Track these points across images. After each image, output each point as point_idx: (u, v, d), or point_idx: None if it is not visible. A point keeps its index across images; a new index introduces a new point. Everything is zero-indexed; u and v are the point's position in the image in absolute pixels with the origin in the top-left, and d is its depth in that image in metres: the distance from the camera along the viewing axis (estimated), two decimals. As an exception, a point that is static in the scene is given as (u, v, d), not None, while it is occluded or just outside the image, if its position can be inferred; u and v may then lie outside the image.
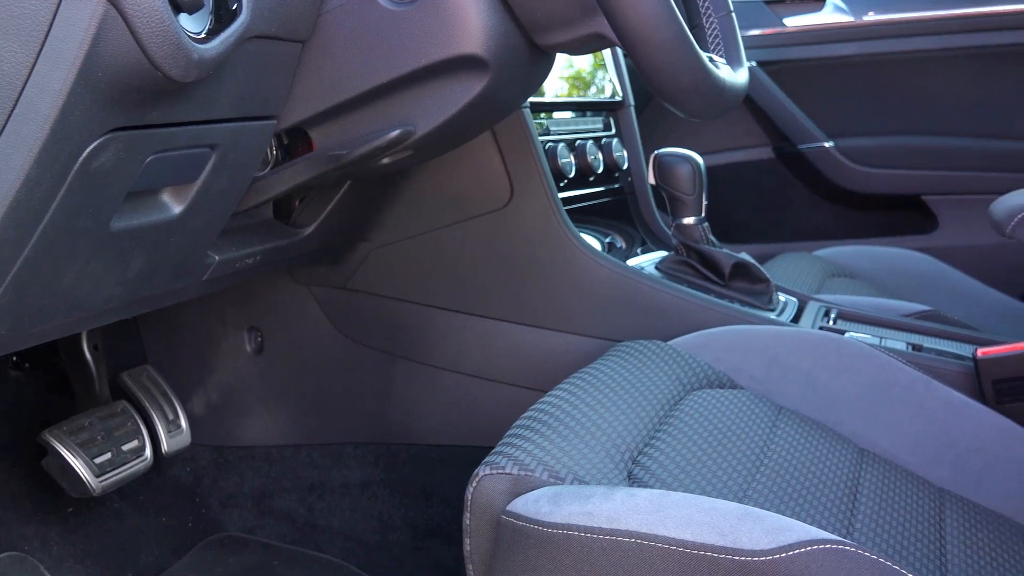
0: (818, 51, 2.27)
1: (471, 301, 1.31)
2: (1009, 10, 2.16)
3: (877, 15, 2.25)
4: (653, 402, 0.99)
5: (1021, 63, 2.18)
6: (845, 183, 2.28)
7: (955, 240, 2.24)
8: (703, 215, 1.34)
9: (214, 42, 0.71)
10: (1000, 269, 2.16)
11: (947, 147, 2.24)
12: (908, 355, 1.21)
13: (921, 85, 2.26)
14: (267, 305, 1.44)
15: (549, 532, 0.72)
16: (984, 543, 0.95)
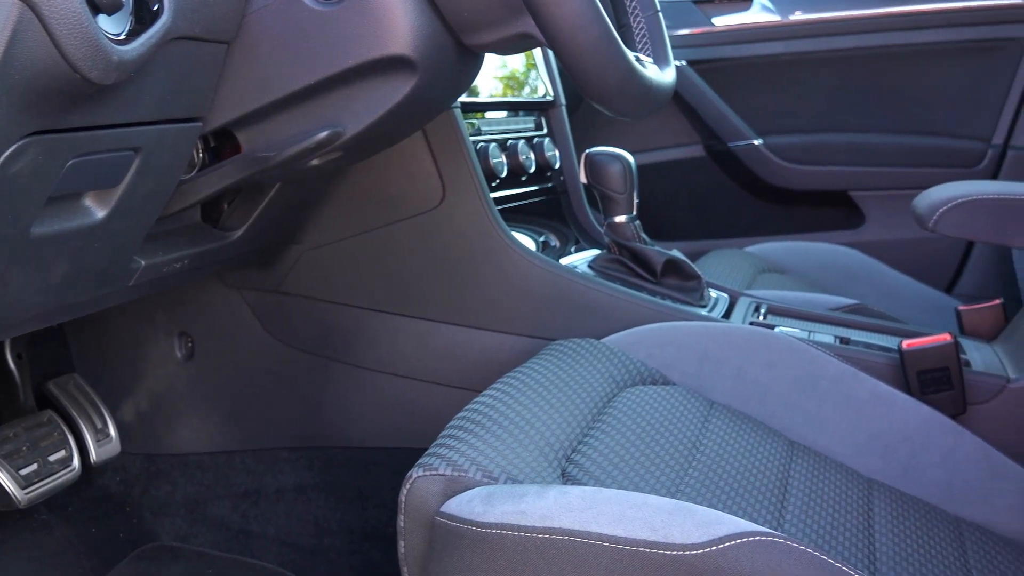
0: (746, 50, 2.30)
1: (405, 302, 1.31)
2: (927, 9, 2.21)
3: (803, 14, 2.29)
4: (586, 400, 1.00)
5: (939, 61, 2.24)
6: (774, 180, 2.32)
7: (881, 235, 2.29)
8: (634, 213, 1.35)
9: (134, 43, 0.70)
10: (924, 262, 2.21)
11: (872, 144, 2.28)
12: (836, 348, 1.23)
13: (846, 83, 2.30)
14: (197, 310, 1.42)
15: (483, 532, 0.72)
16: (910, 531, 0.97)
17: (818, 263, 1.93)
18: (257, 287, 1.37)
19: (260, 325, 1.38)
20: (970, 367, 1.23)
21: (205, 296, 1.40)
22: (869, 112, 2.30)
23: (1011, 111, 2.22)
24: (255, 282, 1.37)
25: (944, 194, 1.26)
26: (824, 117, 2.32)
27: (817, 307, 1.45)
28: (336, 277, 1.33)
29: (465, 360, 1.29)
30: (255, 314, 1.38)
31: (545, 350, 1.13)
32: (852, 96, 2.30)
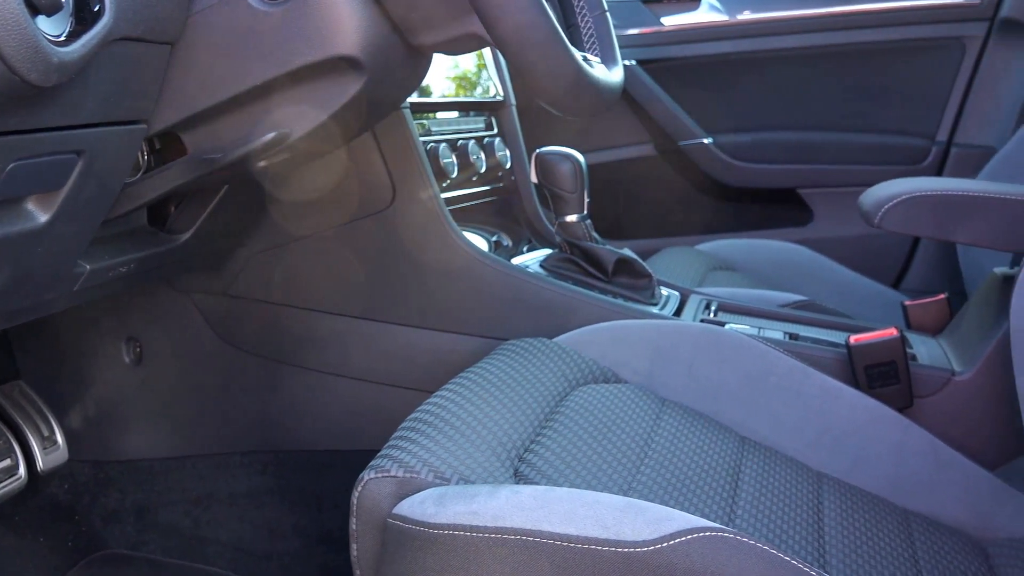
0: (695, 49, 2.32)
1: (356, 304, 1.30)
2: (872, 8, 2.24)
3: (751, 14, 2.31)
4: (539, 399, 1.00)
5: (885, 59, 2.27)
6: (724, 178, 2.34)
7: (829, 231, 2.31)
8: (585, 212, 1.36)
9: (75, 45, 0.69)
10: (872, 258, 2.24)
11: (819, 142, 2.31)
12: (785, 344, 1.24)
13: (794, 81, 2.32)
14: (145, 314, 1.40)
15: (435, 533, 0.72)
16: (859, 523, 0.99)
17: (768, 260, 1.95)
18: (206, 290, 1.36)
19: (209, 329, 1.37)
20: (916, 361, 1.25)
21: (153, 300, 1.39)
22: (817, 110, 2.33)
23: (954, 109, 2.26)
24: (204, 285, 1.36)
25: (889, 191, 1.28)
26: (772, 116, 2.34)
27: (767, 304, 1.47)
28: (286, 279, 1.32)
29: (417, 361, 1.29)
30: (204, 318, 1.37)
31: (497, 350, 1.13)
32: (800, 95, 2.33)
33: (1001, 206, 1.22)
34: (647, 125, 2.35)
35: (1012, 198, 1.21)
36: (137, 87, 0.86)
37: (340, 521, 1.35)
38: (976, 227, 1.24)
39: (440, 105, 1.44)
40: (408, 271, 1.27)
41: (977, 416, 1.22)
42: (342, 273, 1.29)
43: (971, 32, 2.22)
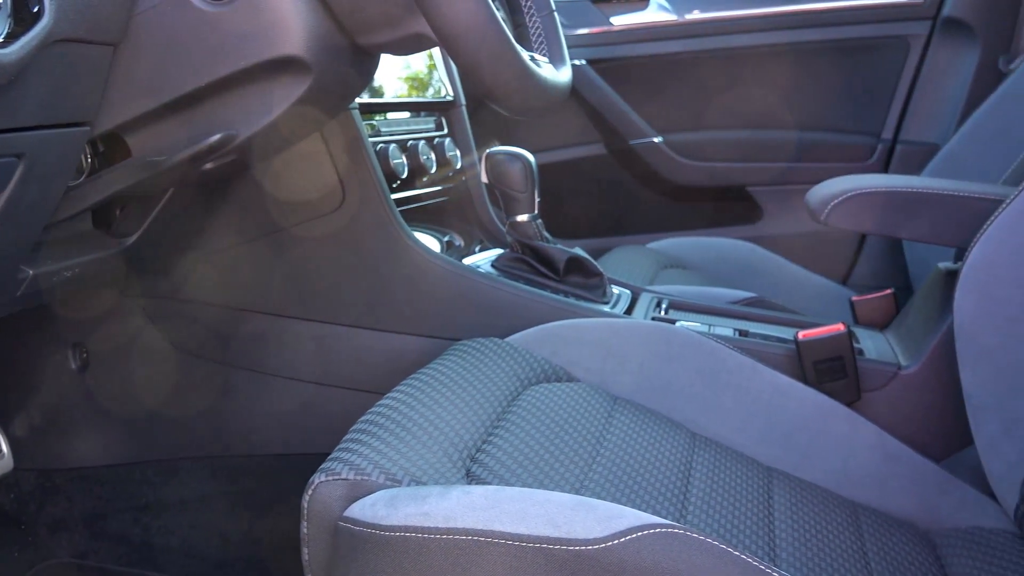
0: (645, 49, 2.33)
1: (307, 306, 1.29)
2: (818, 8, 2.27)
3: (700, 13, 2.33)
4: (491, 399, 1.00)
5: (831, 58, 2.29)
6: (674, 177, 2.35)
7: (778, 229, 2.34)
8: (536, 212, 1.36)
9: (13, 47, 0.68)
10: (820, 254, 2.27)
11: (768, 140, 2.33)
12: (735, 341, 1.25)
13: (743, 80, 2.34)
14: (92, 319, 1.38)
15: (386, 535, 0.71)
16: (809, 516, 1.00)
17: (718, 258, 1.96)
18: (154, 294, 1.34)
19: (158, 333, 1.35)
20: (863, 355, 1.26)
21: (99, 305, 1.37)
22: (765, 109, 2.35)
23: (899, 106, 2.29)
24: (152, 289, 1.34)
25: (835, 188, 1.29)
26: (722, 114, 2.36)
27: (717, 301, 1.48)
28: (235, 282, 1.31)
29: (369, 363, 1.28)
30: (152, 322, 1.35)
31: (449, 350, 1.12)
32: (748, 93, 2.35)
33: (943, 202, 1.24)
34: (597, 124, 2.36)
35: (954, 194, 1.23)
36: (79, 89, 0.85)
37: (292, 525, 1.34)
38: (920, 223, 1.26)
39: (390, 105, 1.44)
40: (358, 273, 1.26)
41: (923, 409, 1.24)
42: (292, 275, 1.28)
43: (915, 31, 2.26)
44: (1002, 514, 1.08)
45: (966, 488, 1.10)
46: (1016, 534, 1.05)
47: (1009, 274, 1.06)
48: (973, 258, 1.09)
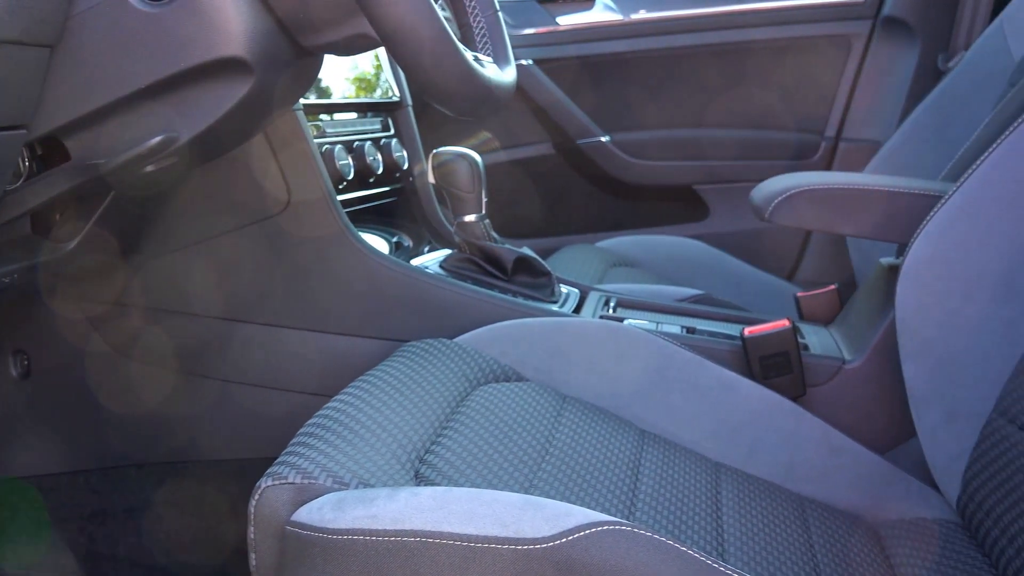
0: (591, 48, 2.34)
1: (253, 309, 1.28)
2: (762, 7, 2.29)
3: (643, 13, 2.34)
4: (439, 400, 1.00)
5: (775, 57, 2.32)
6: (622, 176, 2.36)
7: (725, 226, 2.36)
8: (484, 212, 1.36)
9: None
10: (766, 251, 2.29)
11: (714, 138, 2.35)
12: (682, 338, 1.26)
13: (689, 79, 2.36)
14: (33, 326, 1.35)
15: (334, 539, 0.71)
16: (756, 511, 1.01)
17: (666, 255, 1.98)
18: (96, 299, 1.32)
19: (101, 339, 1.33)
20: (808, 351, 1.28)
21: (41, 311, 1.34)
22: (711, 108, 2.37)
23: (841, 105, 2.32)
24: (94, 294, 1.32)
25: (778, 186, 1.31)
26: (668, 113, 2.37)
27: (665, 299, 1.49)
28: (180, 286, 1.29)
29: (317, 365, 1.27)
30: (95, 328, 1.33)
31: (398, 352, 1.12)
32: (694, 92, 2.37)
33: (884, 198, 1.26)
34: (545, 124, 2.36)
35: (894, 190, 1.25)
36: (15, 91, 0.83)
37: (240, 531, 1.33)
38: (861, 219, 1.28)
39: (335, 106, 1.43)
40: (306, 275, 1.26)
41: (867, 403, 1.25)
42: (237, 278, 1.27)
43: (856, 30, 2.29)
44: (945, 504, 1.10)
45: (910, 480, 1.12)
46: (958, 524, 1.07)
47: (948, 268, 1.08)
48: (914, 253, 1.11)
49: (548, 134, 2.38)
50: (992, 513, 0.97)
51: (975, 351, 1.05)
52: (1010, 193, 1.05)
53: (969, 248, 1.07)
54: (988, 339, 1.04)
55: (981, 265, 1.06)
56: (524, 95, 2.31)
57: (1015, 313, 1.02)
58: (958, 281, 1.07)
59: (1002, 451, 0.98)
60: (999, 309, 1.04)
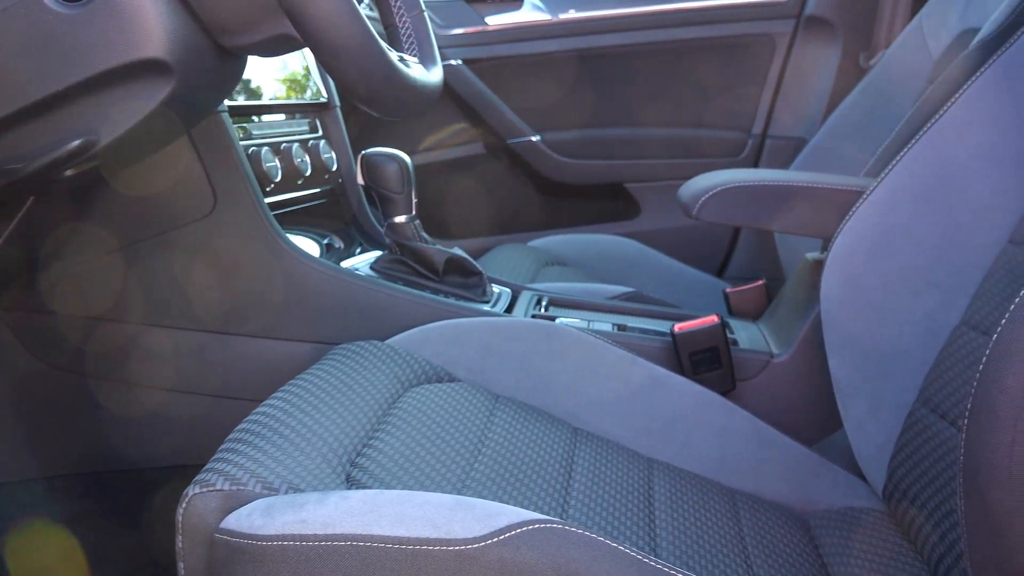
0: (520, 48, 2.34)
1: (181, 315, 1.26)
2: (688, 7, 2.32)
3: (572, 13, 2.35)
4: (371, 402, 0.99)
5: (702, 56, 2.35)
6: (554, 175, 2.37)
7: (656, 224, 2.38)
8: (414, 213, 1.35)
9: None
10: (696, 248, 2.32)
11: (644, 137, 2.37)
12: (614, 335, 1.27)
13: (617, 78, 2.37)
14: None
15: (263, 545, 0.70)
16: (688, 504, 1.02)
17: (597, 254, 1.99)
18: (18, 307, 1.29)
19: (23, 348, 1.30)
20: (737, 346, 1.30)
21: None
22: (640, 106, 2.39)
23: (767, 103, 2.36)
24: (16, 302, 1.29)
25: (705, 183, 1.32)
26: (598, 112, 2.38)
27: (596, 297, 1.50)
28: (105, 292, 1.26)
29: (247, 371, 1.26)
30: (17, 336, 1.30)
31: (328, 355, 1.11)
32: (624, 91, 2.38)
33: (808, 194, 1.28)
34: (475, 124, 2.36)
35: (818, 186, 1.28)
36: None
37: (169, 540, 1.31)
38: (787, 215, 1.30)
39: (261, 108, 1.41)
40: (234, 279, 1.24)
41: (795, 395, 1.28)
42: (165, 283, 1.25)
43: (780, 29, 2.33)
44: (871, 494, 1.12)
45: (837, 470, 1.14)
46: (885, 512, 1.09)
47: (870, 262, 1.10)
48: (836, 248, 1.13)
49: (479, 134, 2.38)
50: (916, 501, 0.99)
51: (897, 343, 1.08)
52: (928, 187, 1.07)
53: (890, 242, 1.09)
54: (910, 331, 1.06)
55: (902, 258, 1.08)
56: (454, 95, 2.31)
57: (935, 305, 1.05)
58: (880, 275, 1.09)
59: (925, 440, 1.00)
60: (920, 301, 1.06)
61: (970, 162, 1.05)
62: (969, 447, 0.72)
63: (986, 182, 1.03)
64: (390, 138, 2.22)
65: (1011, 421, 0.67)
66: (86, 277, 1.26)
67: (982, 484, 0.70)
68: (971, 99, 1.06)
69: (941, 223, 1.06)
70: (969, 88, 1.06)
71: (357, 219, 1.57)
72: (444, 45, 2.29)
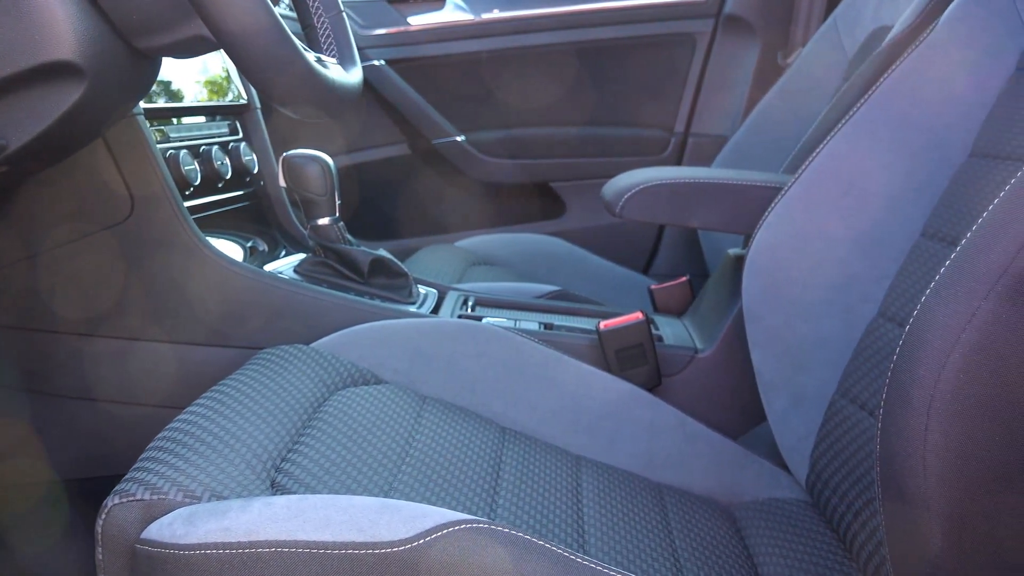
0: (443, 48, 2.34)
1: (99, 322, 1.23)
2: (610, 7, 2.33)
3: (495, 13, 2.35)
4: (295, 407, 0.98)
5: (625, 55, 2.36)
6: (479, 175, 2.37)
7: (581, 222, 2.39)
8: (337, 215, 1.34)
9: None
10: (622, 245, 2.34)
11: (568, 136, 2.38)
12: (540, 334, 1.28)
13: (542, 78, 2.38)
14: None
15: (186, 555, 0.69)
16: (616, 501, 1.02)
17: (524, 253, 1.99)
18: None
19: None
20: (663, 342, 1.31)
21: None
22: (564, 106, 2.39)
23: (689, 101, 2.38)
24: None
25: (628, 181, 1.33)
26: (522, 112, 2.39)
27: (523, 296, 1.50)
28: (18, 300, 1.23)
29: (169, 377, 1.23)
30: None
31: (252, 360, 1.10)
32: (548, 91, 2.39)
33: (728, 191, 1.30)
34: (400, 124, 2.35)
35: (737, 184, 1.30)
36: None
37: (90, 553, 1.28)
38: (708, 212, 1.31)
39: (180, 110, 1.39)
40: (153, 284, 1.22)
41: (720, 390, 1.29)
42: (81, 290, 1.22)
43: (700, 28, 2.35)
44: (795, 484, 1.14)
45: (762, 462, 1.16)
46: (808, 502, 1.11)
47: (789, 258, 1.12)
48: (756, 244, 1.14)
49: (403, 135, 2.37)
50: (838, 490, 1.01)
51: (817, 336, 1.10)
52: (844, 183, 1.09)
53: (808, 237, 1.11)
54: (828, 324, 1.08)
55: (819, 253, 1.10)
56: (378, 96, 2.30)
57: (852, 299, 1.07)
58: (798, 270, 1.11)
59: (845, 430, 1.02)
60: (837, 295, 1.08)
61: (883, 157, 1.07)
62: (885, 436, 0.74)
63: (898, 177, 1.06)
64: (313, 140, 2.20)
65: (924, 409, 0.69)
66: (1, 284, 1.23)
67: (898, 472, 0.72)
68: (883, 96, 1.08)
69: (856, 218, 1.08)
70: (881, 85, 1.08)
71: (280, 222, 1.55)
72: (366, 45, 2.27)
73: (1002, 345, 0.67)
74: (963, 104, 1.02)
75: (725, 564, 0.97)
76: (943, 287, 0.72)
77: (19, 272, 1.22)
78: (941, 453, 0.68)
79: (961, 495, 0.69)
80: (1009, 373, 0.67)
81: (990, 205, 0.73)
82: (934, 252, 0.98)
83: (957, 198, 0.99)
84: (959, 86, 1.02)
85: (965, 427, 0.68)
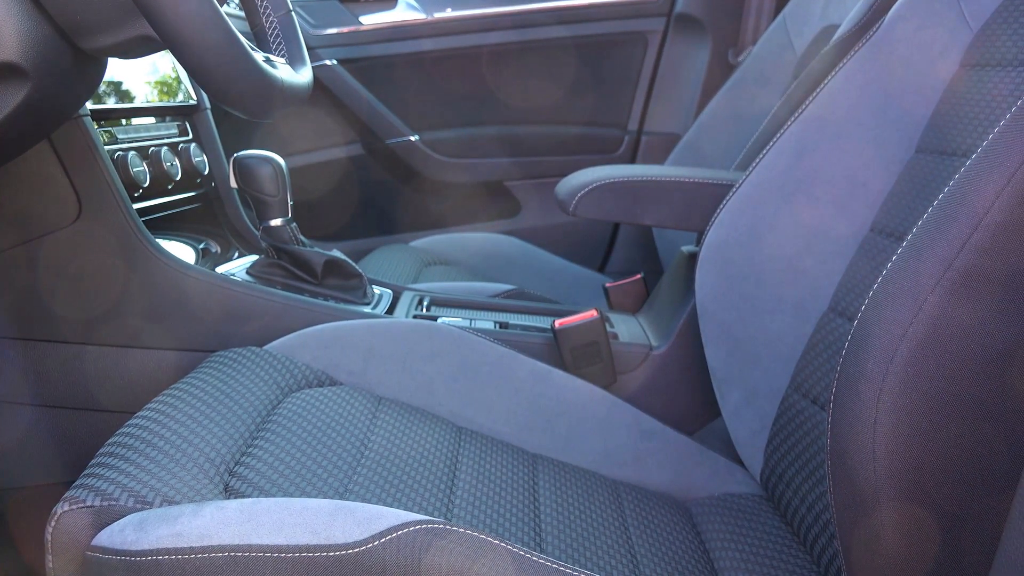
0: (396, 48, 2.33)
1: (48, 327, 1.21)
2: (564, 6, 2.34)
3: (447, 12, 2.35)
4: (248, 409, 0.97)
5: (578, 54, 2.37)
6: (433, 175, 2.36)
7: (537, 221, 2.39)
8: (290, 216, 1.33)
9: None
10: (577, 244, 2.35)
11: (522, 135, 2.38)
12: (495, 333, 1.28)
13: (495, 77, 2.38)
14: None
15: (137, 561, 0.68)
16: (572, 498, 1.03)
17: (479, 252, 1.99)
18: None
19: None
20: (618, 339, 1.32)
21: None
22: (518, 105, 2.40)
23: (641, 99, 2.40)
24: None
25: (581, 180, 1.34)
26: (476, 111, 2.39)
27: (478, 295, 1.50)
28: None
29: (121, 381, 1.22)
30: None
31: (204, 363, 1.08)
32: (501, 90, 2.39)
33: (681, 189, 1.31)
34: (353, 124, 2.34)
35: (689, 181, 1.30)
36: None
37: (40, 561, 1.26)
38: (661, 210, 1.32)
39: (128, 111, 1.37)
40: (103, 287, 1.20)
41: (674, 386, 1.30)
42: (29, 295, 1.20)
43: (651, 27, 2.37)
44: (750, 479, 1.15)
45: (717, 458, 1.17)
46: (763, 496, 1.12)
47: (740, 254, 1.13)
48: (709, 241, 1.15)
49: (357, 135, 2.35)
50: (792, 484, 1.02)
51: (769, 332, 1.11)
52: (793, 180, 1.10)
53: (758, 234, 1.12)
54: (780, 320, 1.09)
55: (770, 249, 1.11)
56: (330, 96, 2.28)
57: (803, 294, 1.08)
58: (750, 266, 1.12)
59: (797, 425, 1.03)
60: (788, 291, 1.09)
61: (831, 154, 1.08)
62: (835, 430, 0.75)
63: (846, 173, 1.07)
64: (265, 140, 2.18)
65: (872, 403, 0.70)
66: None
67: (848, 465, 0.73)
68: (831, 94, 1.09)
69: (806, 214, 1.09)
70: (829, 83, 1.10)
71: (232, 223, 1.54)
72: (318, 45, 2.26)
73: (948, 339, 0.68)
74: (909, 101, 1.03)
75: (681, 559, 0.98)
76: (890, 282, 0.73)
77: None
78: (890, 447, 0.69)
79: (911, 488, 0.70)
80: (955, 366, 0.68)
81: (935, 200, 0.74)
82: (882, 247, 1.00)
83: (904, 194, 1.00)
84: (905, 83, 1.04)
85: (913, 421, 0.69)
